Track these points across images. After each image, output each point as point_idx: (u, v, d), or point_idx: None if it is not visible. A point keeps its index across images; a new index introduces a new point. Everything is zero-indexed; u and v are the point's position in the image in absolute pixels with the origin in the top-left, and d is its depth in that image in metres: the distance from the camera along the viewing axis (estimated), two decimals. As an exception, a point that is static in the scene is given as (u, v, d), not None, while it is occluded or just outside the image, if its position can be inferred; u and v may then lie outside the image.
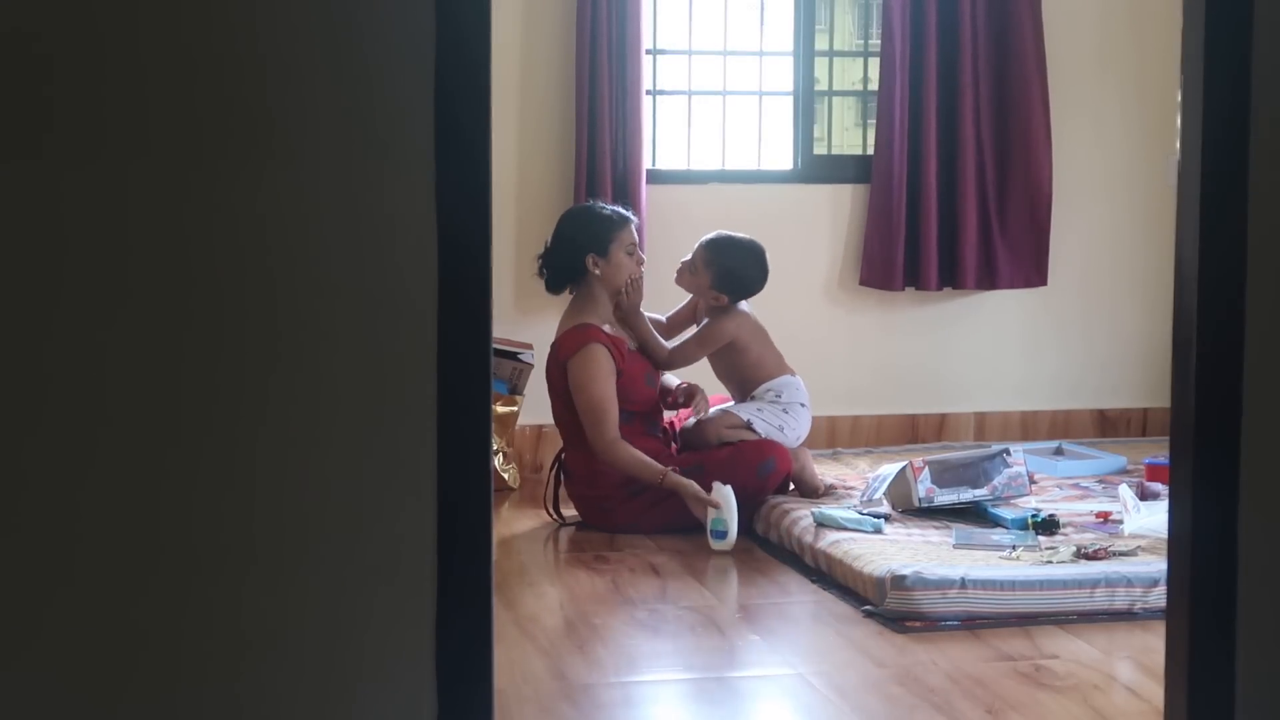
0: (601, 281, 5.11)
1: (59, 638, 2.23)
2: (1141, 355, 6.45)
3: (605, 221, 5.11)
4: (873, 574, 4.18)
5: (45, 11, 2.16)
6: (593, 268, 5.10)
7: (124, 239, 2.20)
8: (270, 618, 2.28)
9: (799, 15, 6.25)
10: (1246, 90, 2.52)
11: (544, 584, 4.49)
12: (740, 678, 3.77)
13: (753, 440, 5.13)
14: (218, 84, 2.21)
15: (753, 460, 5.05)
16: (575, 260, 5.11)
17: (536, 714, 3.44)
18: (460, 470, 2.30)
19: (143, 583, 2.24)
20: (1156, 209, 6.35)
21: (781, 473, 5.07)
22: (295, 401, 2.26)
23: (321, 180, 2.24)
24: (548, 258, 5.18)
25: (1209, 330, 2.55)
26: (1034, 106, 6.15)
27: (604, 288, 5.13)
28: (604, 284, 5.12)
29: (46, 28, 2.16)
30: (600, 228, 5.10)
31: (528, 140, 5.96)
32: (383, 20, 2.24)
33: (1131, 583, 4.12)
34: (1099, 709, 3.45)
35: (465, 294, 2.29)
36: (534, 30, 5.94)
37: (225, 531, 2.25)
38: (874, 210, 6.14)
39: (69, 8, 2.17)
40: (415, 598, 2.30)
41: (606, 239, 5.09)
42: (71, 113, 2.18)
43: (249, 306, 2.24)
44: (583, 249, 5.10)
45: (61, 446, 2.20)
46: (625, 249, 5.11)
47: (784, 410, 5.23)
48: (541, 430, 5.96)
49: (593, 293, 5.14)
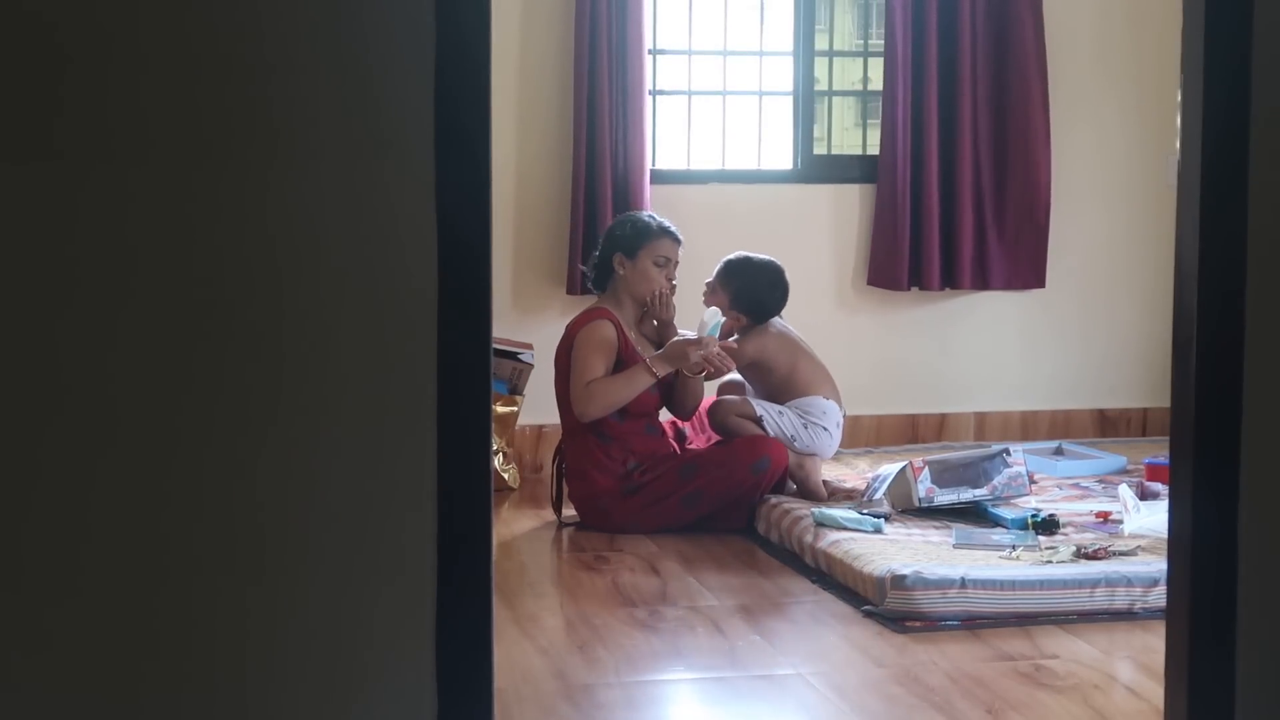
0: (625, 284, 5.18)
1: (63, 637, 2.23)
2: (1141, 355, 6.44)
3: (643, 227, 5.21)
4: (873, 574, 4.18)
5: (46, 13, 2.16)
6: (618, 267, 5.17)
7: (126, 238, 2.20)
8: (271, 617, 2.28)
9: (799, 15, 6.24)
10: (1246, 90, 2.52)
11: (544, 584, 4.50)
12: (740, 678, 3.77)
13: (748, 437, 5.13)
14: (219, 84, 2.21)
15: (747, 458, 5.05)
16: (606, 257, 5.21)
17: (536, 714, 3.44)
18: (460, 470, 2.30)
19: (144, 582, 2.24)
20: (1157, 209, 6.35)
21: (776, 471, 5.07)
22: (295, 401, 2.26)
23: (322, 180, 2.24)
24: (592, 256, 5.32)
25: (1209, 330, 2.55)
26: (1034, 107, 6.15)
27: (627, 292, 5.19)
28: (627, 288, 5.18)
29: (48, 29, 2.16)
30: (635, 232, 5.20)
31: (527, 141, 5.96)
32: (383, 20, 2.24)
33: (1131, 583, 4.12)
34: (1099, 709, 3.45)
35: (465, 294, 2.29)
36: (533, 30, 5.93)
37: (225, 531, 2.25)
38: (879, 210, 6.14)
39: (70, 8, 2.17)
40: (415, 598, 2.30)
41: (637, 244, 5.17)
42: (74, 114, 2.18)
43: (250, 306, 2.24)
44: (613, 247, 5.19)
45: (67, 444, 2.20)
46: (654, 259, 5.17)
47: (804, 425, 5.22)
48: (541, 430, 5.97)
49: (617, 295, 5.21)
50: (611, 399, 5.04)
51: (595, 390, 5.03)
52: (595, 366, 5.05)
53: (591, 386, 5.03)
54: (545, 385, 5.82)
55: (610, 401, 5.04)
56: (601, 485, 5.05)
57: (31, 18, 2.16)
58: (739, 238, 5.63)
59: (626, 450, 5.08)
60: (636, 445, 5.07)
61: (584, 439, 5.08)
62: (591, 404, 5.03)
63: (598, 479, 5.05)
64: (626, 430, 5.07)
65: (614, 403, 5.05)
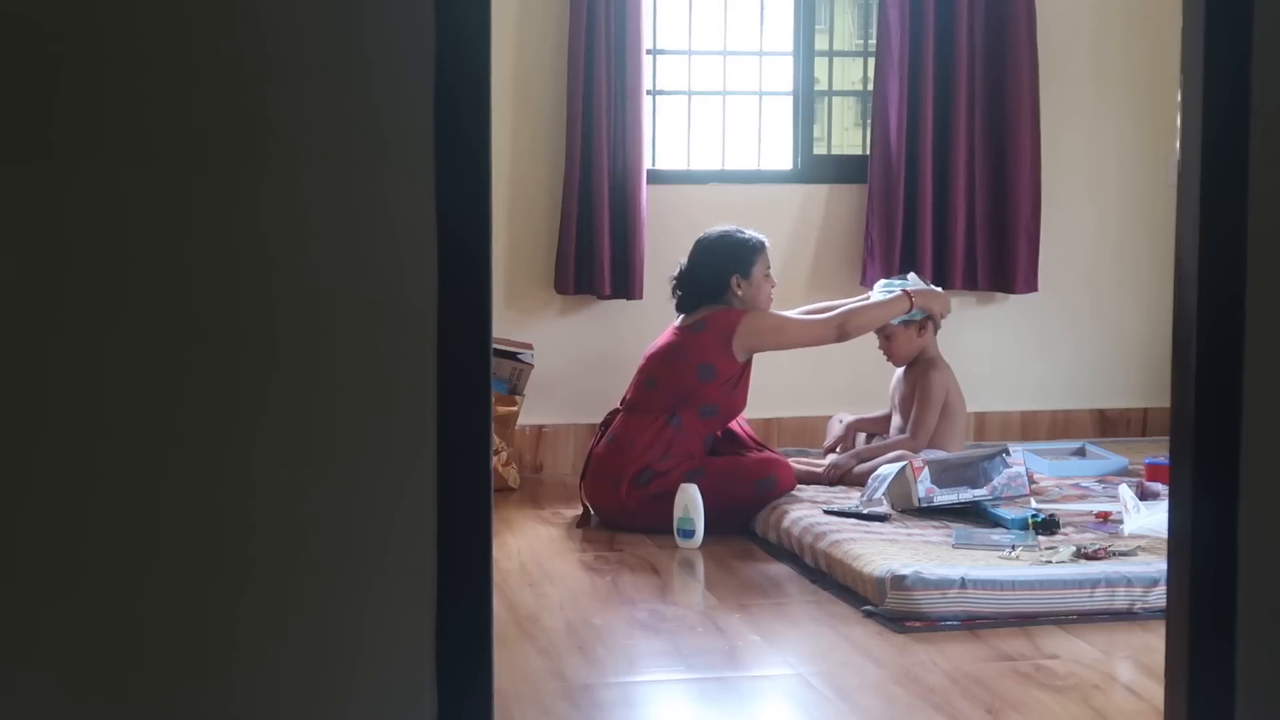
0: (742, 302, 5.24)
1: (59, 636, 2.23)
2: (1141, 355, 6.45)
3: (748, 245, 5.28)
4: (873, 574, 4.18)
5: (46, 14, 2.16)
6: (735, 288, 5.24)
7: (125, 240, 2.20)
8: (271, 618, 2.28)
9: (799, 15, 6.25)
10: (1246, 90, 2.52)
11: (544, 584, 4.49)
12: (740, 678, 3.77)
13: (756, 455, 5.16)
14: (218, 85, 2.21)
15: (754, 474, 5.07)
16: (719, 281, 5.24)
17: (536, 714, 3.44)
18: (460, 470, 2.30)
19: (144, 583, 2.24)
20: (1157, 208, 6.35)
21: (781, 491, 5.08)
22: (295, 401, 2.26)
23: (322, 181, 2.24)
24: (686, 277, 5.31)
25: (1209, 330, 2.55)
26: (1023, 110, 6.14)
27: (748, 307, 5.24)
28: (745, 304, 5.24)
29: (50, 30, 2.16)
30: (745, 250, 5.27)
31: (523, 141, 5.96)
32: (383, 21, 2.24)
33: (1131, 583, 4.12)
34: (1099, 709, 3.45)
35: (465, 294, 2.29)
36: (530, 30, 5.93)
37: (225, 532, 2.25)
38: (873, 211, 6.15)
39: (71, 9, 2.16)
40: (415, 597, 2.30)
41: (750, 261, 5.25)
42: (73, 115, 2.18)
43: (250, 306, 2.24)
44: (728, 270, 5.24)
45: (62, 446, 2.20)
46: (764, 271, 5.27)
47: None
48: (541, 430, 5.97)
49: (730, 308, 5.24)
50: (871, 318, 5.36)
51: (857, 320, 5.32)
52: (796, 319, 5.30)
53: (851, 318, 5.31)
54: (545, 385, 5.83)
55: (872, 319, 5.36)
56: (636, 465, 5.06)
57: (30, 20, 2.16)
58: (739, 238, 5.62)
59: (674, 443, 5.09)
60: (689, 445, 5.10)
61: (654, 418, 5.10)
62: (857, 329, 5.32)
63: (639, 458, 5.07)
64: (698, 427, 5.13)
65: (875, 321, 5.37)
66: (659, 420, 5.11)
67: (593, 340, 6.00)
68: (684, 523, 4.88)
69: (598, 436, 5.26)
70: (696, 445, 5.14)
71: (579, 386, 5.94)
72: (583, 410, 5.91)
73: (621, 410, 5.23)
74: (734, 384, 5.19)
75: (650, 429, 5.10)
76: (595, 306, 6.03)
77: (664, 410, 5.12)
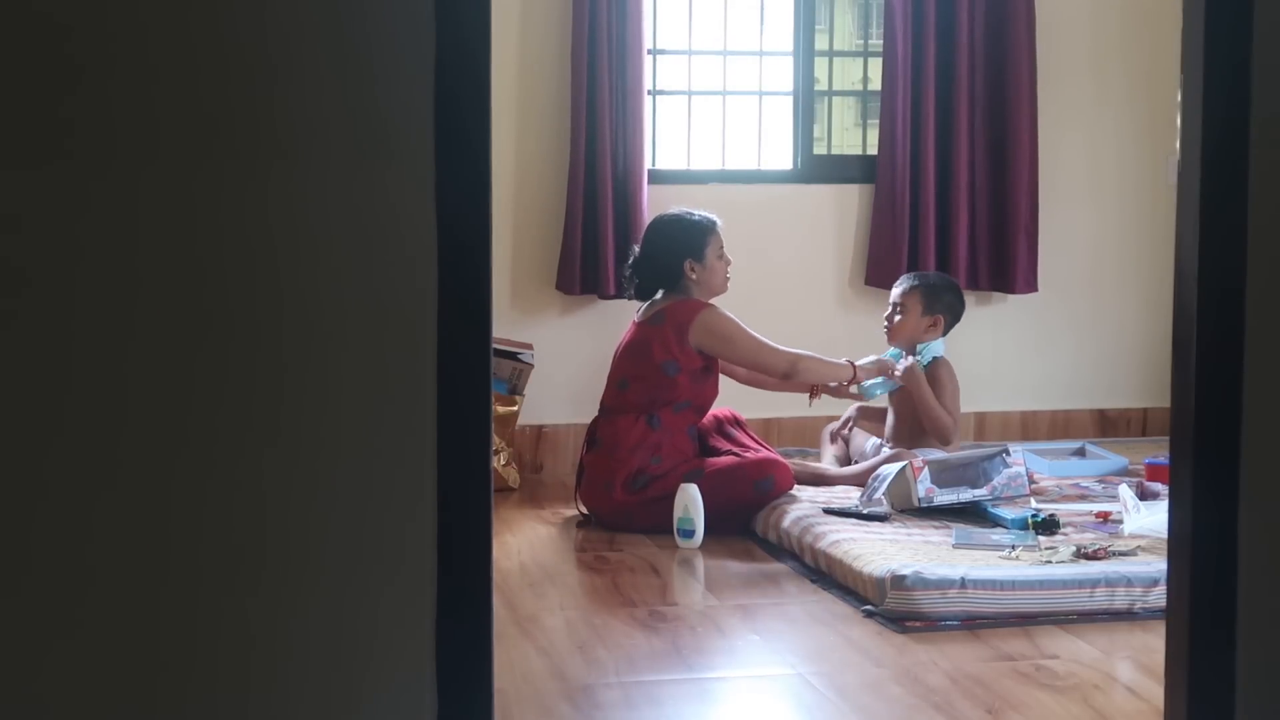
0: (698, 286, 5.20)
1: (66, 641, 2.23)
2: (1141, 355, 6.45)
3: (698, 227, 5.22)
4: (873, 574, 4.18)
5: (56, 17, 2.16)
6: (689, 273, 5.19)
7: (127, 240, 2.20)
8: (271, 618, 2.28)
9: (799, 15, 6.25)
10: (1246, 90, 2.52)
11: (544, 584, 4.49)
12: (740, 678, 3.77)
13: (755, 456, 5.15)
14: (220, 86, 2.21)
15: (752, 475, 5.07)
16: (673, 266, 5.20)
17: (536, 714, 3.44)
18: (460, 470, 2.30)
19: (146, 586, 2.24)
20: (1157, 208, 6.35)
21: (780, 492, 5.08)
22: (295, 402, 2.26)
23: (322, 180, 2.24)
24: (641, 264, 5.27)
25: (1209, 330, 2.55)
26: (1022, 110, 6.14)
27: (700, 293, 5.20)
28: (700, 288, 5.21)
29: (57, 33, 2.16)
30: (696, 232, 5.21)
31: (526, 141, 5.96)
32: (383, 21, 2.24)
33: (1131, 583, 4.12)
34: (1099, 709, 3.45)
35: (465, 294, 2.29)
36: (532, 30, 5.93)
37: (224, 532, 2.25)
38: (878, 210, 6.15)
39: (77, 13, 2.17)
40: (415, 598, 2.30)
41: (702, 244, 5.20)
42: (75, 116, 2.18)
43: (251, 306, 2.24)
44: (679, 255, 5.19)
45: (71, 447, 2.20)
46: (717, 252, 5.22)
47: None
48: (541, 430, 5.97)
49: (688, 294, 5.21)
50: (815, 376, 5.31)
51: (807, 364, 5.26)
52: (754, 336, 5.20)
53: (804, 360, 5.24)
54: (545, 385, 5.83)
55: (821, 374, 5.32)
56: (626, 468, 5.05)
57: (40, 22, 2.16)
58: (739, 238, 5.62)
59: (662, 444, 5.08)
60: (678, 442, 5.09)
61: (634, 420, 5.09)
62: (804, 372, 5.26)
63: (627, 460, 5.06)
64: (678, 422, 5.10)
65: (823, 377, 5.33)
66: (639, 422, 5.10)
67: (594, 340, 6.00)
68: (684, 523, 4.88)
69: (585, 444, 5.26)
70: (685, 442, 5.13)
71: (580, 386, 5.94)
72: (583, 410, 5.90)
73: (600, 416, 5.23)
74: (701, 375, 5.16)
75: (633, 431, 5.09)
76: (597, 306, 6.03)
77: (640, 411, 5.11)
